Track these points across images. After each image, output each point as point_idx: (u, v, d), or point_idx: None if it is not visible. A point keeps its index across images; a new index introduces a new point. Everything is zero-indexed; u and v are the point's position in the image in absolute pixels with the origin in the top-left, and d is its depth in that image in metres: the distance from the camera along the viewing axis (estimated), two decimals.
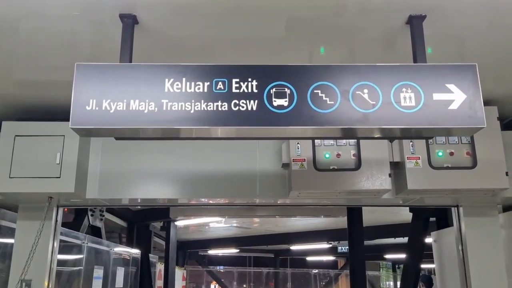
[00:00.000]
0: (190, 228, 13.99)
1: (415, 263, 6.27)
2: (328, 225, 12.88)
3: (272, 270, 21.56)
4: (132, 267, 9.10)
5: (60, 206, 4.19)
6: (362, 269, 6.83)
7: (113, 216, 9.64)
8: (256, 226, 13.53)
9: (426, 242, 6.22)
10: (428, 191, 3.59)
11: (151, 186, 3.91)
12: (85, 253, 6.35)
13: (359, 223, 6.78)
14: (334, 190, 3.58)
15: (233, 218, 7.39)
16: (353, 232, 6.80)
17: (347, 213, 6.75)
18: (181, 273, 15.78)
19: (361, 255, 6.75)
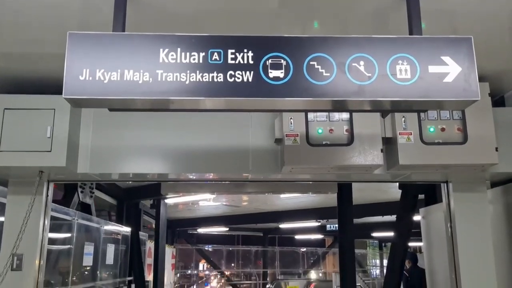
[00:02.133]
0: (179, 207, 14.03)
1: (403, 240, 6.37)
2: (317, 203, 13.01)
3: (260, 248, 21.78)
4: (122, 244, 9.13)
5: (51, 181, 4.16)
6: (351, 247, 6.93)
7: (103, 194, 9.62)
8: (246, 205, 13.61)
9: (414, 220, 6.31)
10: (419, 167, 3.63)
11: (142, 161, 3.89)
12: (76, 229, 6.35)
13: (349, 201, 6.84)
14: (327, 165, 3.60)
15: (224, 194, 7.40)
16: (342, 209, 6.87)
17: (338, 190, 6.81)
18: (170, 251, 15.88)
19: (350, 233, 6.84)
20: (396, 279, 6.21)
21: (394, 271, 6.27)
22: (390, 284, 6.25)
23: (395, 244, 6.49)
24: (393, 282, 6.20)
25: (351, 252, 6.87)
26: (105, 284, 7.83)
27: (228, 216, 15.97)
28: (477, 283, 3.97)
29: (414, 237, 6.90)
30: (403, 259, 6.42)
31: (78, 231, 6.42)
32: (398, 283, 6.22)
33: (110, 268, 8.30)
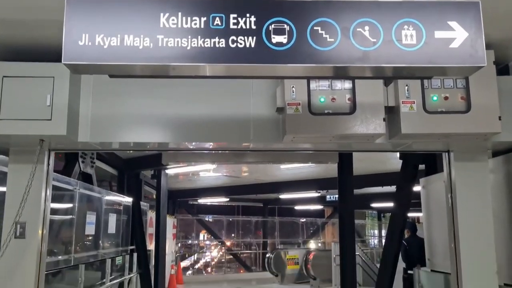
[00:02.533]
0: (180, 177, 14.09)
1: (402, 211, 6.40)
2: (317, 174, 13.06)
3: (260, 219, 22.01)
4: (123, 214, 9.21)
5: (52, 150, 4.15)
6: (350, 217, 6.98)
7: (104, 164, 9.65)
8: (246, 175, 13.67)
9: (413, 190, 6.33)
10: (421, 136, 3.61)
11: (143, 130, 3.87)
12: (77, 199, 6.39)
13: (349, 171, 6.86)
14: (329, 134, 3.59)
15: (225, 164, 7.41)
16: (343, 180, 6.89)
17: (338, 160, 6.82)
18: (171, 221, 16.05)
19: (350, 203, 6.87)
20: (395, 248, 6.28)
21: (393, 241, 6.33)
22: (389, 253, 6.32)
23: (395, 214, 6.53)
24: (392, 251, 6.28)
25: (351, 223, 6.93)
26: (108, 253, 7.93)
27: (228, 187, 16.07)
28: (476, 252, 4.01)
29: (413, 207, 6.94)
30: (402, 229, 6.47)
31: (80, 201, 6.47)
32: (397, 252, 6.29)
33: (112, 237, 8.40)
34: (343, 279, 6.70)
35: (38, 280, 3.94)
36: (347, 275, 6.66)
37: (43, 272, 4.05)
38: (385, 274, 6.26)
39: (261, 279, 17.94)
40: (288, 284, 15.90)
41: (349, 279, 6.62)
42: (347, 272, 6.66)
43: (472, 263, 4.01)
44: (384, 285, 6.19)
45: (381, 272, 6.32)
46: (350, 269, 6.68)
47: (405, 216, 6.52)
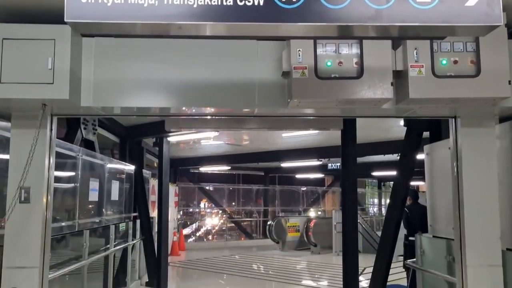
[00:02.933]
0: (181, 145, 14.09)
1: (405, 178, 6.40)
2: (319, 142, 13.05)
3: (261, 187, 22.16)
4: (126, 181, 9.25)
5: (54, 115, 4.10)
6: (353, 185, 6.98)
7: (106, 132, 9.61)
8: (247, 144, 13.66)
9: (417, 158, 6.30)
10: (429, 100, 3.56)
11: (146, 94, 3.81)
12: (80, 166, 6.39)
13: (353, 138, 6.82)
14: (335, 99, 3.53)
15: (228, 131, 7.35)
16: (346, 147, 6.86)
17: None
18: (173, 189, 16.15)
19: (353, 171, 6.86)
20: (397, 216, 6.32)
21: (396, 208, 6.36)
22: (391, 220, 6.36)
23: (398, 181, 6.54)
24: (394, 219, 6.31)
25: (354, 191, 6.94)
26: (111, 219, 7.99)
27: (230, 155, 16.09)
28: (480, 218, 4.01)
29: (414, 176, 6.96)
30: (405, 197, 6.49)
31: (83, 168, 6.47)
32: (398, 220, 6.32)
33: (115, 204, 8.45)
34: (345, 246, 6.76)
35: (44, 244, 3.97)
36: (349, 243, 6.72)
37: (49, 236, 4.07)
38: (386, 240, 6.31)
39: (262, 246, 18.22)
40: (289, 251, 16.16)
41: (351, 246, 6.69)
42: (349, 240, 6.72)
43: (476, 229, 4.01)
44: (385, 251, 6.25)
45: (383, 239, 6.38)
46: (352, 236, 6.73)
47: (408, 184, 6.53)
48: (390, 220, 6.39)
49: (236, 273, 11.70)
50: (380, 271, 6.24)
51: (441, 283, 5.09)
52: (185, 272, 12.30)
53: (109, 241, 7.67)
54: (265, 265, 13.18)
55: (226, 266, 12.82)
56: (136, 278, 9.75)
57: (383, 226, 6.43)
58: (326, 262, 13.42)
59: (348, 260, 6.70)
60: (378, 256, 6.36)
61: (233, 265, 13.03)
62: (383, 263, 6.25)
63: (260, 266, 13.02)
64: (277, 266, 12.84)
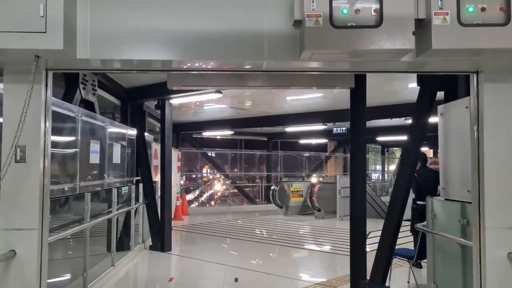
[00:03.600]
0: (184, 109, 13.84)
1: (416, 142, 6.15)
2: (324, 106, 12.78)
3: (265, 152, 22.01)
4: (128, 145, 9.06)
5: (49, 70, 3.84)
6: (362, 149, 6.74)
7: (106, 94, 9.37)
8: (251, 108, 13.40)
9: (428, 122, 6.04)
10: (454, 51, 3.27)
11: (147, 46, 3.53)
12: (80, 126, 6.17)
13: (363, 99, 6.53)
14: (351, 50, 3.26)
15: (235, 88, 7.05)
16: (355, 108, 6.57)
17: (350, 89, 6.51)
18: (175, 154, 16.00)
19: (362, 134, 6.60)
20: (406, 181, 6.12)
21: (405, 173, 6.14)
22: (400, 185, 6.16)
23: (408, 145, 6.30)
24: (403, 184, 6.12)
25: (362, 154, 6.71)
26: (113, 183, 7.85)
27: (233, 120, 15.86)
28: (501, 180, 3.79)
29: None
30: (415, 162, 6.27)
31: (82, 128, 6.25)
32: (408, 185, 6.13)
33: (117, 167, 8.29)
34: (353, 211, 6.60)
35: (42, 206, 3.80)
36: (357, 207, 6.55)
37: (47, 198, 3.89)
38: (395, 205, 6.14)
39: (265, 211, 18.23)
40: (292, 216, 16.14)
41: (359, 211, 6.52)
42: (357, 204, 6.55)
43: (496, 191, 3.80)
44: (394, 216, 6.09)
45: (392, 203, 6.20)
46: (360, 201, 6.56)
47: (419, 147, 6.30)
48: (400, 184, 6.19)
49: (240, 237, 11.67)
50: (388, 236, 6.10)
51: (453, 246, 4.95)
52: (188, 236, 12.28)
53: (112, 204, 7.55)
54: (269, 230, 13.14)
55: (229, 231, 12.79)
56: (140, 242, 9.71)
57: (392, 191, 6.23)
58: (330, 227, 13.37)
59: (356, 225, 6.55)
60: (386, 221, 6.20)
61: (236, 230, 13.00)
62: (391, 228, 6.10)
63: (263, 231, 12.99)
64: (281, 231, 12.80)
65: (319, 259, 9.51)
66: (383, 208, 15.62)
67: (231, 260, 8.84)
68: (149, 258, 9.18)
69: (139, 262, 8.86)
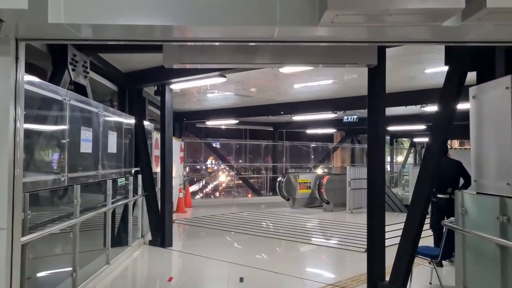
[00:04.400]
0: (187, 97, 13.22)
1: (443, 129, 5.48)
2: (334, 93, 12.11)
3: (270, 143, 21.36)
4: (126, 133, 8.47)
5: (20, 40, 3.24)
6: (382, 137, 6.08)
7: (102, 78, 8.77)
8: (256, 95, 12.74)
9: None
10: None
11: (134, 7, 2.93)
12: (68, 111, 5.56)
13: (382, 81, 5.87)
14: (386, 9, 2.63)
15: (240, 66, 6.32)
16: (374, 91, 5.91)
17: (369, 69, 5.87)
18: (178, 144, 15.41)
19: (382, 121, 5.94)
20: (431, 172, 5.47)
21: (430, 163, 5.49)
22: (424, 177, 5.51)
23: (434, 133, 5.63)
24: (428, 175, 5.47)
25: (381, 143, 6.06)
26: (108, 174, 7.26)
27: (238, 108, 15.19)
28: None
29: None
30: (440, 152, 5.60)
31: (71, 114, 5.64)
32: (433, 176, 5.49)
33: (113, 157, 7.69)
34: (371, 204, 5.97)
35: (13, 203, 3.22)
36: (375, 201, 5.92)
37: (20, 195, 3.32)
38: (419, 198, 5.51)
39: (271, 203, 17.65)
40: (299, 208, 15.53)
41: (378, 204, 5.90)
42: (375, 198, 5.92)
43: None
44: (418, 210, 5.47)
45: (416, 196, 5.56)
46: (379, 194, 5.93)
47: (446, 135, 5.64)
48: (424, 176, 5.55)
49: (245, 231, 11.08)
50: (411, 233, 5.48)
51: (490, 246, 4.33)
52: (191, 229, 11.70)
53: (106, 197, 6.97)
54: (275, 223, 12.52)
55: (233, 224, 12.20)
56: (139, 237, 9.15)
57: (416, 183, 5.58)
58: (339, 220, 12.75)
59: (374, 220, 5.93)
60: (409, 216, 5.58)
61: (241, 223, 12.40)
62: (415, 224, 5.48)
63: (270, 224, 12.38)
64: (288, 224, 12.19)
65: (330, 255, 8.90)
66: (395, 201, 14.98)
67: (236, 257, 8.27)
68: (148, 254, 8.61)
69: (137, 258, 8.29)
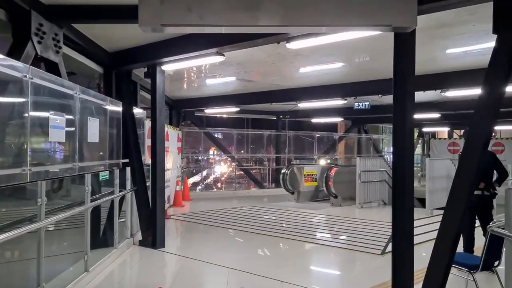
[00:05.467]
0: (183, 82, 12.19)
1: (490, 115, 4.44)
2: (343, 77, 11.06)
3: (273, 132, 20.31)
4: (111, 121, 7.46)
5: None
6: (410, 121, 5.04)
7: (85, 59, 7.75)
8: (259, 80, 11.69)
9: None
10: None
11: None
12: (31, 91, 4.55)
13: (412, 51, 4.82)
14: None
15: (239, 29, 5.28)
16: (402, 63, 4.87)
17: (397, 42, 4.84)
18: (176, 134, 14.41)
19: (410, 101, 4.91)
20: (474, 165, 4.46)
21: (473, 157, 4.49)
22: (466, 170, 4.51)
23: (477, 119, 4.57)
24: (470, 169, 4.47)
25: (410, 129, 5.01)
26: (88, 167, 6.26)
27: (239, 95, 14.12)
28: None
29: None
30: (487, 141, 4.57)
31: (34, 95, 4.63)
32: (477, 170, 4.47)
33: (95, 148, 6.70)
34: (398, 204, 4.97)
35: None
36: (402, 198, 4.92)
37: None
38: (459, 196, 4.51)
39: (273, 196, 16.67)
40: (305, 202, 14.53)
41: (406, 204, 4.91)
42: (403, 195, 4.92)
43: None
44: (457, 210, 4.47)
45: (455, 193, 4.56)
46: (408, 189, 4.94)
47: (494, 122, 4.59)
48: (465, 170, 4.54)
49: (246, 229, 10.09)
50: (449, 237, 4.48)
51: None
52: (187, 226, 10.71)
53: (85, 194, 5.98)
54: (279, 220, 11.47)
55: (234, 220, 11.19)
56: (128, 236, 8.17)
57: (454, 179, 4.58)
58: (349, 216, 11.69)
59: (401, 222, 4.93)
60: (446, 217, 4.58)
61: (242, 219, 11.38)
62: (453, 227, 4.49)
63: (273, 221, 11.36)
64: (293, 221, 11.18)
65: (342, 258, 7.86)
66: None
67: (236, 260, 7.30)
68: (136, 257, 7.64)
69: (124, 262, 7.30)
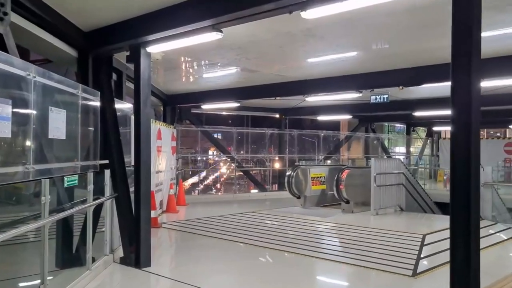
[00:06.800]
0: (177, 72, 10.86)
1: None
2: (358, 67, 9.72)
3: (277, 131, 18.95)
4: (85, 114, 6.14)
5: None
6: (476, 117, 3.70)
7: (56, 39, 6.41)
8: (262, 70, 10.35)
9: None
10: None
11: None
12: None
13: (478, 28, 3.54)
14: None
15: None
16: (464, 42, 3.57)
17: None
18: (170, 132, 13.08)
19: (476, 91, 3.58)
20: None
21: None
22: None
23: None
24: None
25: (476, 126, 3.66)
26: (48, 170, 4.93)
27: (239, 88, 12.76)
28: None
29: None
30: None
31: None
32: None
33: (60, 146, 5.36)
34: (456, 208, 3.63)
35: None
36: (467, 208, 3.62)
37: None
38: None
39: (276, 199, 15.32)
40: (312, 208, 13.15)
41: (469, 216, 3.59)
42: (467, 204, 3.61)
43: None
44: None
45: None
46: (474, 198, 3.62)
47: None
48: None
49: (247, 241, 8.69)
50: None
51: None
52: (179, 237, 9.34)
53: (41, 205, 4.63)
54: (284, 230, 9.97)
55: (233, 230, 9.70)
56: (107, 253, 6.82)
57: None
58: (364, 225, 10.22)
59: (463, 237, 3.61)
60: None
61: (242, 229, 9.91)
62: None
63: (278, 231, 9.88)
64: (301, 231, 9.70)
65: (365, 283, 6.49)
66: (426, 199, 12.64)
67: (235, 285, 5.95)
68: (115, 280, 6.27)
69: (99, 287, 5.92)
